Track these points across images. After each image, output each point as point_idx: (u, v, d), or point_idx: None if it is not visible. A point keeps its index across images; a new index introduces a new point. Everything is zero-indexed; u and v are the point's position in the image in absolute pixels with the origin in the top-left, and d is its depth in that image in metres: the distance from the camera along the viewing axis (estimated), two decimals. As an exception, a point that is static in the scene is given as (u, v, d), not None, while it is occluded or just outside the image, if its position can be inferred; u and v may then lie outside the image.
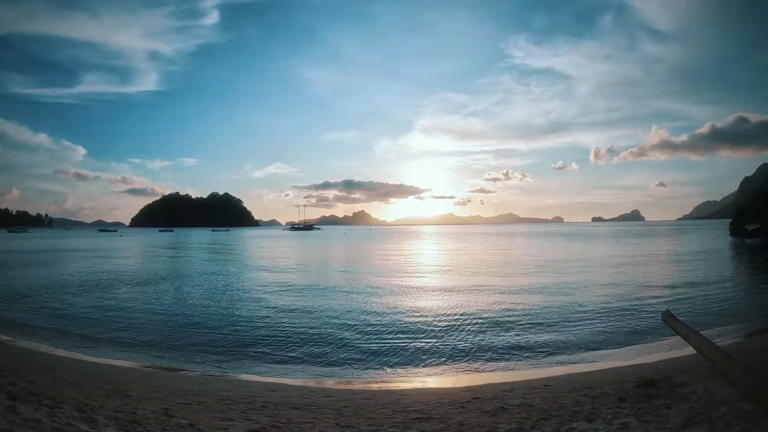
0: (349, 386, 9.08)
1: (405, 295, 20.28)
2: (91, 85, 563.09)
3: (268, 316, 15.81)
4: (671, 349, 10.69)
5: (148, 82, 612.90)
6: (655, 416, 5.53)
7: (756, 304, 17.27)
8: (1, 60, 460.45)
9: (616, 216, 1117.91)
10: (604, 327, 13.64)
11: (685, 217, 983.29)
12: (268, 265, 35.74)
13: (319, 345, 12.18)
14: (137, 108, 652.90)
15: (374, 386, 9.10)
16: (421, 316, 15.68)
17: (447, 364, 10.50)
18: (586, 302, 17.48)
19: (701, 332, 8.18)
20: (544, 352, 11.30)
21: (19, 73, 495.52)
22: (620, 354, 10.99)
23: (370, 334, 13.20)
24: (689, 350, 8.59)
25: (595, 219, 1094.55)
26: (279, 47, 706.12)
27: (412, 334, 13.23)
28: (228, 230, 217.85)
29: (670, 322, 9.00)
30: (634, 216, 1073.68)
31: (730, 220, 68.78)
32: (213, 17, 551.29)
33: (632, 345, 11.75)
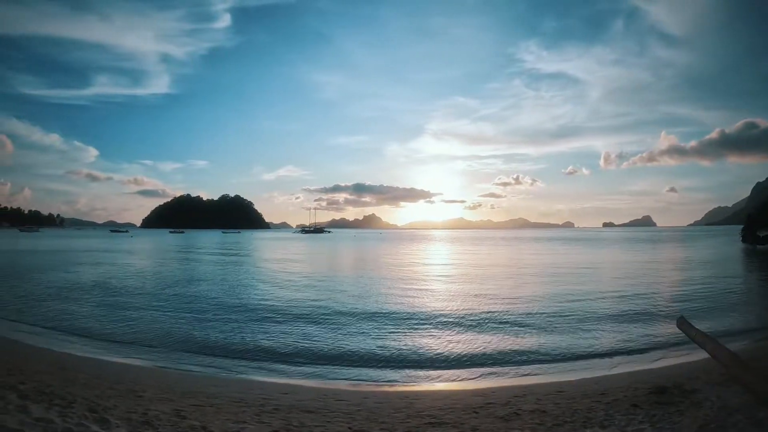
0: (361, 389, 9.16)
1: (417, 299, 20.33)
2: (102, 86, 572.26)
3: (280, 318, 15.98)
4: (684, 355, 10.72)
5: (159, 84, 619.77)
6: (668, 423, 5.56)
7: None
8: (13, 61, 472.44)
9: (627, 221, 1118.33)
10: (618, 332, 13.68)
11: (697, 223, 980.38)
12: (281, 269, 35.84)
13: (331, 347, 12.33)
14: (149, 110, 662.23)
15: (387, 389, 9.20)
16: (434, 319, 15.80)
17: (459, 368, 10.58)
18: (600, 307, 17.52)
19: (715, 338, 8.23)
20: (556, 356, 11.37)
21: (31, 74, 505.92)
22: (633, 359, 11.02)
23: (384, 337, 13.29)
24: (702, 356, 8.64)
25: (605, 224, 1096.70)
26: (289, 51, 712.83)
27: (424, 337, 13.37)
28: (239, 232, 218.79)
29: (685, 329, 9.05)
30: (646, 221, 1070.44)
31: (741, 226, 68.28)
32: (224, 21, 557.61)
33: (645, 350, 11.77)
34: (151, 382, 8.65)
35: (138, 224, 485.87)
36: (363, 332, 13.87)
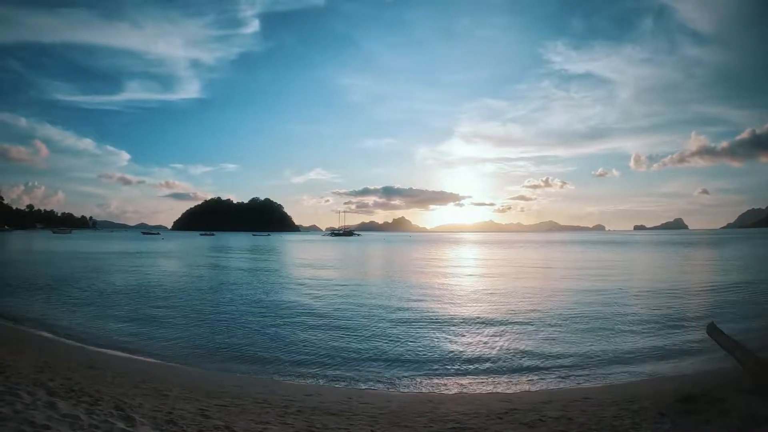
0: (385, 392, 9.36)
1: (443, 302, 20.59)
2: (134, 92, 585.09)
3: (307, 322, 16.23)
4: (712, 362, 10.68)
5: (189, 89, 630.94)
6: (695, 432, 5.65)
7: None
8: (47, 68, 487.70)
9: (659, 224, 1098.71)
10: (645, 338, 13.69)
11: (730, 226, 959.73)
12: (310, 272, 36.34)
13: (357, 349, 12.62)
14: (179, 115, 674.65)
15: (411, 393, 9.38)
16: (458, 322, 16.08)
17: (484, 373, 10.74)
18: (628, 313, 17.49)
19: (745, 346, 8.24)
20: (583, 362, 11.45)
21: (64, 81, 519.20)
22: (661, 366, 11.06)
23: (409, 342, 13.51)
24: (730, 363, 8.63)
25: (637, 227, 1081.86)
26: (317, 55, 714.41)
27: (449, 341, 13.55)
28: (268, 235, 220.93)
29: (715, 335, 9.06)
30: (677, 224, 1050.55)
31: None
32: (253, 26, 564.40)
33: (673, 357, 11.79)
34: (176, 381, 8.97)
35: (169, 227, 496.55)
36: (389, 336, 14.09)
